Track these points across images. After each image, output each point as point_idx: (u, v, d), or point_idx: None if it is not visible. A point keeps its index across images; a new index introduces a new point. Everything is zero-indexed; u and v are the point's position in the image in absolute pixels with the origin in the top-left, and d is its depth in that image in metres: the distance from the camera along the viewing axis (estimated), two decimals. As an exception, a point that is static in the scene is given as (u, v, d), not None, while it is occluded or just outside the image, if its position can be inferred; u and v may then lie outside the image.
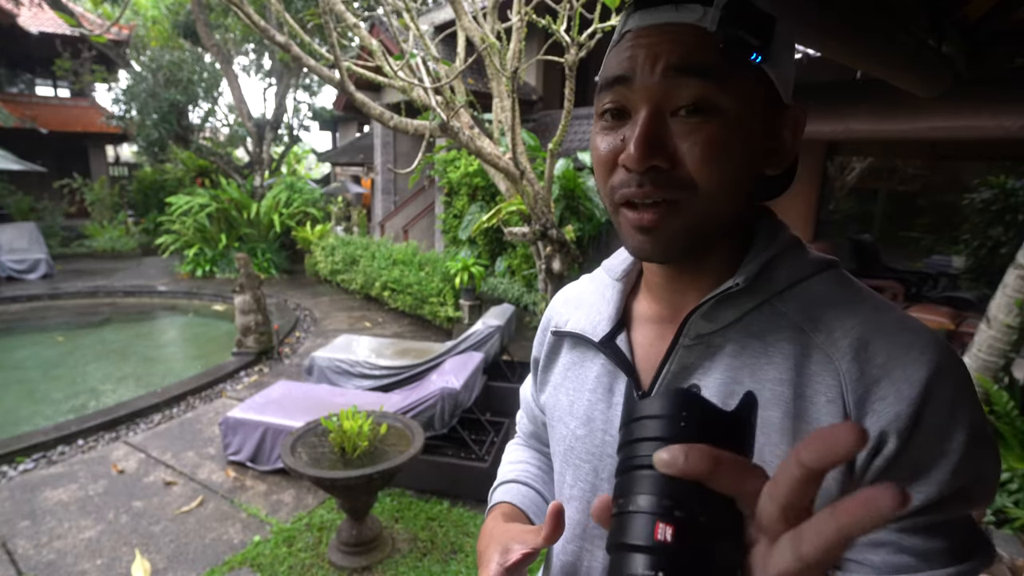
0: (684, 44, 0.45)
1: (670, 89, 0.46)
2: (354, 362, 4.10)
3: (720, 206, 0.48)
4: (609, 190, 0.50)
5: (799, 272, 0.52)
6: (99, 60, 11.68)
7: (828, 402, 0.46)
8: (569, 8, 2.87)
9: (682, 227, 0.48)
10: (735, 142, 0.46)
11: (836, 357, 0.47)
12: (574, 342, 0.65)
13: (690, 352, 0.53)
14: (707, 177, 0.46)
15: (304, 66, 2.79)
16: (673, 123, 0.46)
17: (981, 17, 2.14)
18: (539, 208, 3.27)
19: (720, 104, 0.45)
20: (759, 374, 0.49)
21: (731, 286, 0.50)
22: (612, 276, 0.64)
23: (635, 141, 0.46)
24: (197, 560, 2.58)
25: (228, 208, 9.70)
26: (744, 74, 0.46)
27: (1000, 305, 2.68)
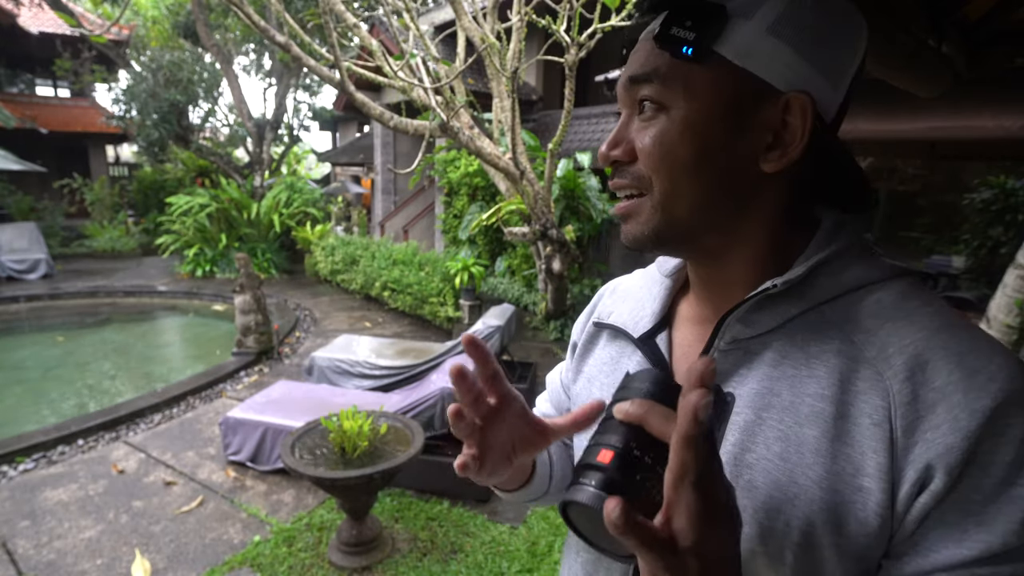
0: (640, 56, 0.49)
1: (632, 95, 0.50)
2: (354, 362, 4.10)
3: (677, 199, 0.48)
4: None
5: (859, 279, 0.47)
6: (99, 60, 11.68)
7: (873, 425, 0.41)
8: (569, 8, 2.87)
9: (647, 217, 0.50)
10: (682, 132, 0.47)
11: (887, 375, 0.42)
12: (614, 335, 0.64)
13: (726, 357, 0.50)
14: (655, 167, 0.48)
15: (304, 66, 2.79)
16: (636, 121, 0.50)
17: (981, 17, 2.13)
18: (539, 208, 3.27)
19: (664, 102, 0.47)
20: (798, 387, 0.45)
21: (768, 287, 0.47)
22: (662, 272, 0.63)
23: (607, 139, 0.52)
24: (197, 560, 2.58)
25: (228, 208, 9.70)
26: (702, 72, 0.46)
27: (1000, 305, 2.68)
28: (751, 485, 0.46)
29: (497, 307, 4.63)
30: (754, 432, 0.46)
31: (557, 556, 2.61)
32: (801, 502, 0.43)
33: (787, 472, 0.44)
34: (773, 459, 0.45)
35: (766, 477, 0.45)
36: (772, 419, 0.46)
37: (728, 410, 0.44)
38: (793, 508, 0.43)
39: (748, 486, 0.46)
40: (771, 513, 0.44)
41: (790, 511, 0.43)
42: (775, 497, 0.44)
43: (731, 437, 0.48)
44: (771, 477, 0.45)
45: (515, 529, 2.80)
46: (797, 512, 0.43)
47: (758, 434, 0.46)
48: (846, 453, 0.42)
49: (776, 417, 0.46)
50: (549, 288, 5.48)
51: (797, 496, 0.43)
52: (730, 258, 0.52)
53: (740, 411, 0.48)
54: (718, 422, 0.42)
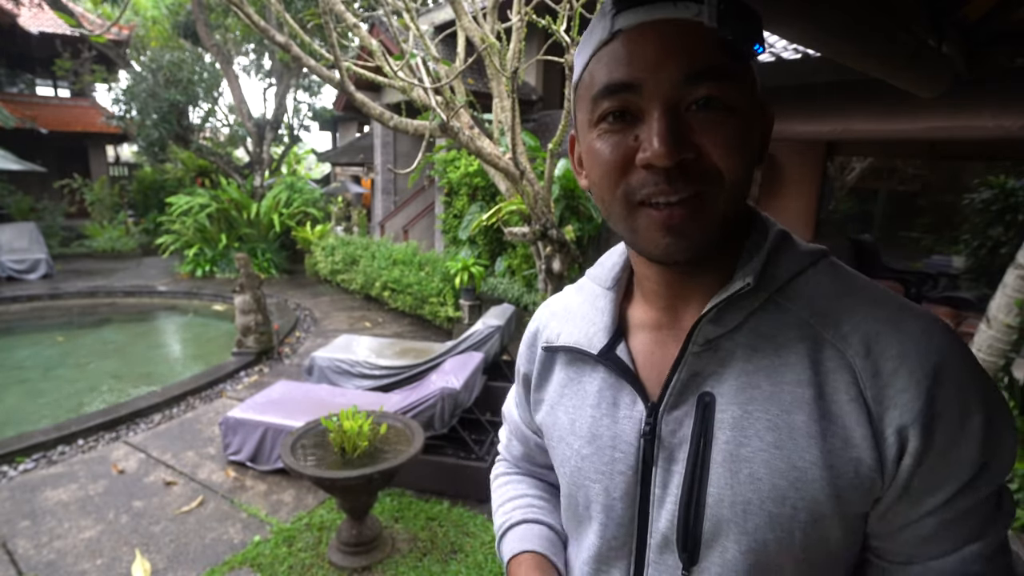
0: (692, 46, 0.44)
1: (683, 90, 0.45)
2: (354, 362, 4.10)
3: (742, 196, 0.48)
4: (624, 194, 0.48)
5: (797, 264, 0.51)
6: (99, 60, 11.68)
7: (850, 400, 0.45)
8: (569, 8, 2.87)
9: (711, 221, 0.47)
10: (749, 133, 0.47)
11: (849, 354, 0.46)
12: (569, 357, 0.62)
13: (699, 359, 0.51)
14: (732, 166, 0.46)
15: (304, 66, 2.79)
16: (691, 117, 0.45)
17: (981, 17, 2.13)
18: (539, 208, 3.28)
19: (733, 99, 0.45)
20: (776, 376, 0.48)
21: (742, 287, 0.48)
22: (602, 285, 0.62)
23: (660, 137, 0.44)
24: (197, 560, 2.58)
25: (228, 208, 9.70)
26: (744, 68, 0.47)
27: (1000, 305, 2.68)
28: (754, 477, 0.47)
29: (497, 307, 4.64)
30: (744, 427, 0.48)
31: (557, 556, 2.61)
32: (804, 484, 0.46)
33: (785, 459, 0.46)
34: (769, 448, 0.47)
35: (767, 467, 0.47)
36: (758, 411, 0.48)
37: (712, 409, 0.48)
38: (797, 491, 0.46)
39: (751, 478, 0.47)
40: (778, 501, 0.46)
41: (795, 495, 0.46)
42: (779, 485, 0.46)
43: (722, 435, 0.49)
44: (771, 466, 0.47)
45: (515, 529, 2.80)
46: (802, 494, 0.46)
47: (748, 428, 0.48)
48: (833, 430, 0.46)
49: (762, 408, 0.48)
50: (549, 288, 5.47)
51: (799, 479, 0.46)
52: (707, 261, 0.51)
53: (726, 408, 0.49)
54: (704, 422, 0.48)
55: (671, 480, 0.51)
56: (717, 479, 0.48)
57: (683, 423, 0.51)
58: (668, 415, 0.52)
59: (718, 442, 0.49)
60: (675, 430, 0.51)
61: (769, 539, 0.47)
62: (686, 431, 0.51)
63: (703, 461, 0.49)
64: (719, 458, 0.49)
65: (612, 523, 0.55)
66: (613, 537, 0.56)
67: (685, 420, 0.51)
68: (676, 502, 0.51)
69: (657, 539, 0.53)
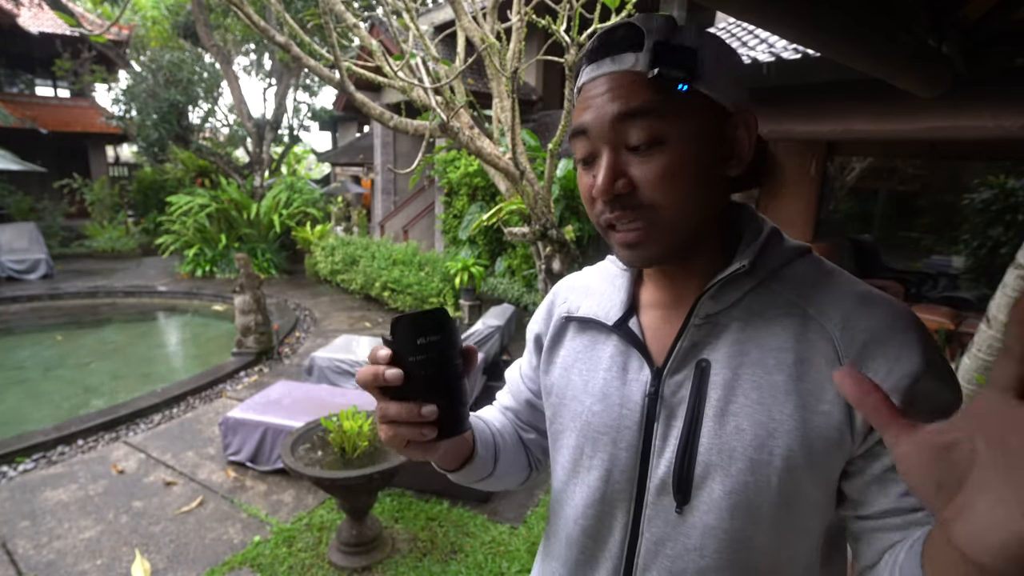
0: (624, 92, 0.54)
1: (620, 132, 0.54)
2: (354, 362, 4.10)
3: (686, 216, 0.56)
4: (595, 218, 0.60)
5: (785, 256, 0.60)
6: (99, 60, 11.68)
7: (826, 363, 0.54)
8: (569, 8, 2.87)
9: (657, 240, 0.57)
10: (684, 162, 0.54)
11: (829, 327, 0.55)
12: (584, 326, 0.71)
13: (699, 330, 0.60)
14: (664, 197, 0.54)
15: (304, 66, 2.79)
16: (629, 156, 0.55)
17: (981, 17, 2.13)
18: (539, 208, 3.27)
19: (664, 134, 0.53)
20: (762, 344, 0.57)
21: (738, 268, 0.57)
22: (620, 267, 0.71)
23: (600, 176, 0.55)
24: (197, 560, 2.58)
25: (228, 208, 9.70)
26: (680, 101, 0.53)
27: (1000, 305, 2.68)
28: (739, 428, 0.56)
29: (497, 307, 4.64)
30: (733, 386, 0.57)
31: (557, 556, 2.61)
32: (780, 432, 0.54)
33: (766, 411, 0.55)
34: (752, 404, 0.56)
35: (750, 419, 0.55)
36: (746, 373, 0.57)
37: (707, 373, 0.58)
38: (774, 439, 0.54)
39: (736, 430, 0.56)
40: (758, 448, 0.55)
41: (772, 442, 0.54)
42: (759, 434, 0.55)
43: (714, 394, 0.57)
44: (754, 419, 0.55)
45: (515, 529, 2.80)
46: (778, 441, 0.54)
47: (737, 387, 0.57)
48: (807, 388, 0.54)
49: (749, 371, 0.56)
50: (549, 288, 5.46)
51: (776, 429, 0.54)
52: (696, 254, 0.61)
53: (719, 372, 0.58)
54: (700, 384, 0.58)
55: (670, 434, 0.60)
56: (708, 431, 0.57)
57: (683, 385, 0.60)
58: (670, 378, 0.61)
59: (710, 400, 0.57)
60: (675, 391, 0.60)
61: (749, 481, 0.55)
62: (685, 392, 0.59)
63: (697, 416, 0.58)
64: (710, 412, 0.57)
65: (616, 470, 0.63)
66: (616, 482, 0.64)
67: (684, 383, 0.60)
68: (674, 452, 0.59)
69: (655, 483, 0.61)
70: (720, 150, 0.57)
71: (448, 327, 0.53)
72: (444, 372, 0.53)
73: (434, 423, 0.53)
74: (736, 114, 0.56)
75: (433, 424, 0.53)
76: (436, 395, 0.52)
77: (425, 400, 0.52)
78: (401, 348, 0.52)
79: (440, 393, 0.53)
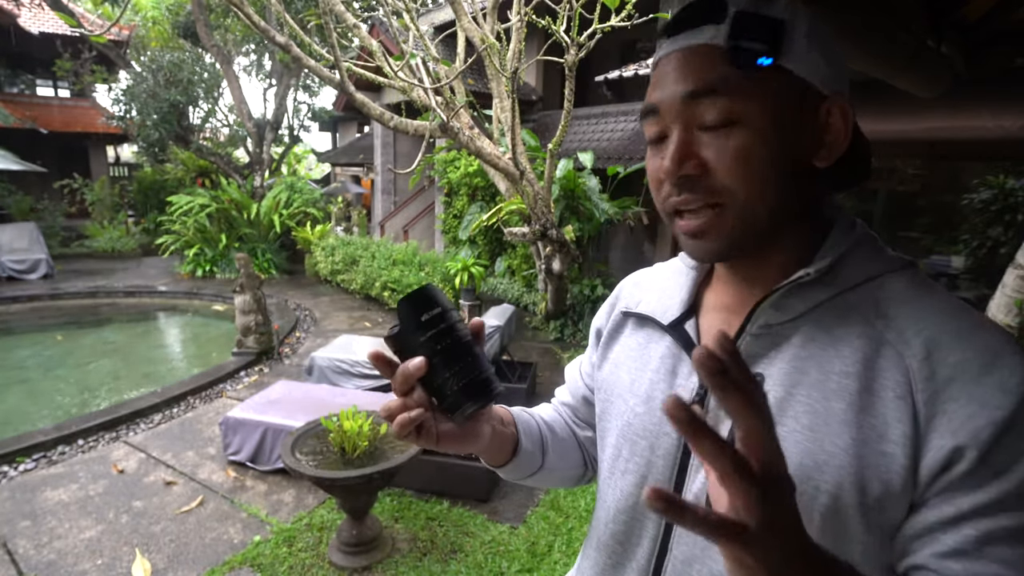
0: (698, 67, 0.50)
1: (692, 110, 0.50)
2: (354, 362, 4.10)
3: (759, 205, 0.51)
4: (662, 204, 0.55)
5: (874, 268, 0.53)
6: (99, 60, 11.68)
7: (896, 398, 0.47)
8: (569, 9, 2.87)
9: (726, 230, 0.51)
10: (761, 145, 0.49)
11: (907, 355, 0.47)
12: (641, 323, 0.68)
13: (757, 341, 0.55)
14: (740, 183, 0.49)
15: (304, 67, 2.79)
16: (702, 136, 0.50)
17: (981, 17, 2.14)
18: (539, 208, 3.27)
19: (741, 113, 0.48)
20: (825, 365, 0.50)
21: (802, 276, 0.52)
22: (687, 264, 0.67)
23: (669, 156, 0.51)
24: (197, 560, 2.58)
25: (228, 208, 9.70)
26: (761, 78, 0.49)
27: (1000, 305, 2.68)
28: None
29: (497, 307, 4.64)
30: (784, 407, 0.51)
31: (557, 556, 2.61)
32: (829, 468, 0.48)
33: (816, 441, 0.48)
34: (802, 430, 0.49)
35: (796, 447, 0.49)
36: (801, 395, 0.50)
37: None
38: (821, 474, 0.48)
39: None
40: (801, 480, 0.48)
41: (819, 476, 0.48)
42: (805, 464, 0.48)
43: None
44: (801, 447, 0.49)
45: (515, 529, 2.80)
46: (825, 477, 0.48)
47: (788, 409, 0.51)
48: (870, 423, 0.47)
49: (805, 393, 0.50)
50: (549, 288, 5.48)
51: (826, 463, 0.48)
52: (770, 253, 0.56)
53: (771, 389, 0.52)
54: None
55: None
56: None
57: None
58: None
59: None
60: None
61: None
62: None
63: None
64: None
65: (651, 478, 0.60)
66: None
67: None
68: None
69: (689, 498, 0.54)
70: (807, 136, 0.51)
71: (441, 297, 0.52)
72: (456, 339, 0.52)
73: (466, 392, 0.52)
74: (830, 98, 0.51)
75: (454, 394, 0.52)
76: (458, 364, 0.52)
77: (450, 373, 0.51)
78: (409, 331, 0.51)
79: (460, 361, 0.52)
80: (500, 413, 0.70)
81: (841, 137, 0.52)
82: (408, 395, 0.53)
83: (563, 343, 5.87)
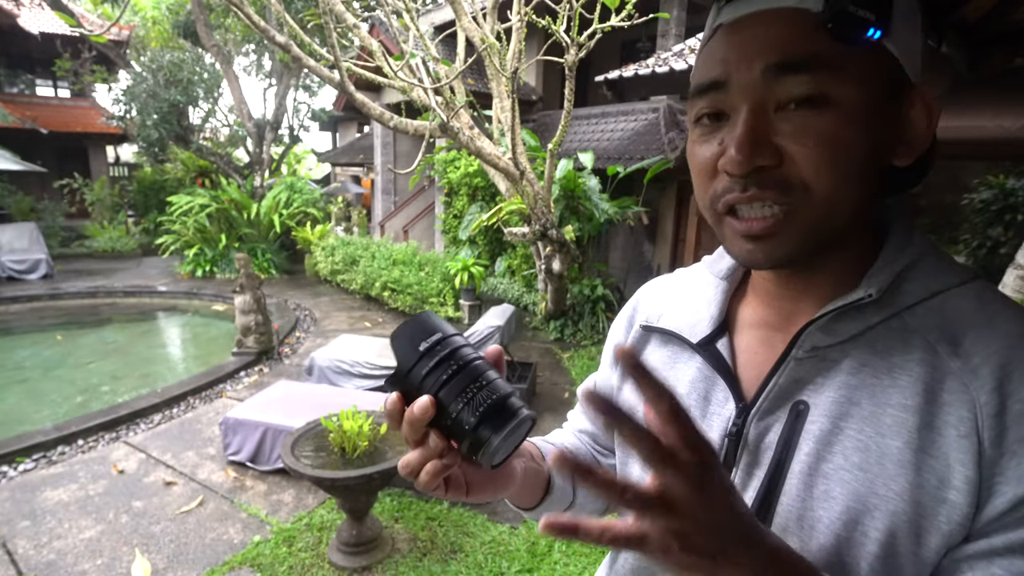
0: (784, 35, 0.41)
1: (772, 88, 0.41)
2: (354, 362, 4.10)
3: (839, 207, 0.43)
4: (710, 199, 0.46)
5: (937, 284, 0.46)
6: (99, 60, 11.69)
7: (960, 437, 0.40)
8: (569, 9, 2.87)
9: (796, 233, 0.43)
10: (853, 134, 0.41)
11: (974, 387, 0.41)
12: (665, 339, 0.60)
13: (802, 365, 0.48)
14: (822, 176, 0.41)
15: (304, 66, 2.79)
16: (779, 119, 0.42)
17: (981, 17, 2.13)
18: (539, 208, 3.27)
19: (833, 95, 0.40)
20: (880, 397, 0.44)
21: (862, 297, 0.45)
22: (716, 274, 0.59)
23: (736, 142, 0.42)
24: (197, 560, 2.58)
25: (228, 208, 9.70)
26: (861, 55, 0.41)
27: (1000, 305, 2.67)
28: (827, 495, 0.44)
29: (497, 307, 4.64)
30: (831, 442, 0.45)
31: (557, 556, 2.61)
32: (881, 513, 0.42)
33: (866, 483, 0.43)
34: (852, 469, 0.43)
35: (844, 487, 0.44)
36: (851, 429, 0.44)
37: (803, 419, 0.46)
38: (872, 520, 0.42)
39: (824, 496, 0.44)
40: (848, 524, 0.43)
41: (869, 522, 0.42)
42: (853, 508, 0.43)
43: (805, 447, 0.46)
44: (849, 488, 0.43)
45: (515, 529, 2.80)
46: (876, 523, 0.42)
47: (835, 444, 0.45)
48: (931, 465, 0.41)
49: (855, 427, 0.44)
50: (549, 288, 5.48)
51: (877, 507, 0.42)
52: (827, 261, 0.48)
53: (815, 420, 0.46)
54: (792, 432, 0.46)
55: (749, 484, 0.49)
56: (790, 490, 0.46)
57: (771, 429, 0.49)
58: (759, 420, 0.49)
59: (800, 453, 0.46)
60: (762, 435, 0.49)
61: (833, 561, 0.44)
62: (773, 437, 0.48)
63: (781, 470, 0.47)
64: (796, 469, 0.46)
65: None
66: None
67: (774, 426, 0.48)
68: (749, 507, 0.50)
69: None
70: (891, 131, 0.43)
71: (439, 321, 0.46)
72: (464, 363, 0.44)
73: (486, 423, 0.43)
74: (917, 88, 0.44)
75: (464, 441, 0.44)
76: (471, 391, 0.43)
77: (464, 403, 0.43)
78: (408, 366, 0.44)
79: (473, 386, 0.43)
80: (527, 448, 0.62)
81: (923, 135, 0.45)
82: (423, 444, 0.45)
83: (563, 343, 5.87)
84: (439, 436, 0.44)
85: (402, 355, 0.45)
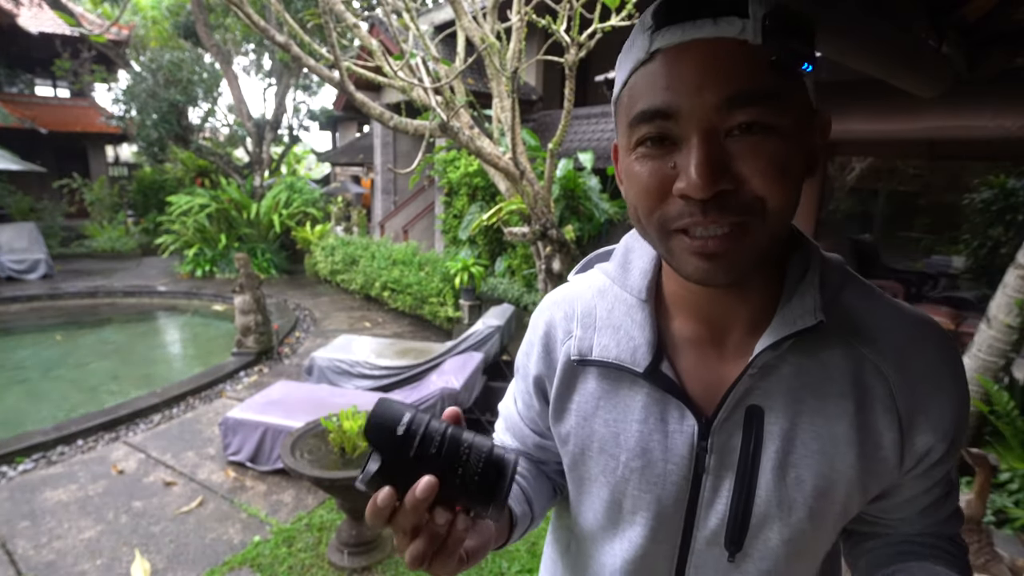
0: (732, 68, 0.42)
1: (725, 116, 0.43)
2: (354, 362, 4.10)
3: (786, 220, 0.47)
4: (659, 221, 0.47)
5: (833, 287, 0.54)
6: (99, 60, 11.67)
7: (885, 411, 0.52)
8: (569, 8, 2.87)
9: (751, 249, 0.46)
10: (793, 154, 0.45)
11: (884, 367, 0.52)
12: (605, 371, 0.60)
13: (751, 377, 0.53)
14: (775, 193, 0.44)
15: (304, 66, 2.79)
16: (730, 143, 0.44)
17: (981, 17, 2.13)
18: (539, 208, 3.27)
19: (776, 122, 0.43)
20: (821, 391, 0.52)
21: (816, 324, 0.50)
22: (635, 295, 0.59)
23: (697, 168, 0.42)
24: (197, 560, 2.58)
25: (228, 208, 9.69)
26: (791, 85, 0.44)
27: (1000, 305, 2.68)
28: (799, 479, 0.53)
29: (497, 307, 4.64)
30: (792, 437, 0.53)
31: (557, 556, 2.61)
32: (841, 482, 0.53)
33: (827, 463, 0.52)
34: (813, 455, 0.53)
35: (810, 471, 0.53)
36: (805, 423, 0.53)
37: (760, 421, 0.54)
38: (835, 491, 0.53)
39: (796, 481, 0.53)
40: (819, 498, 0.53)
41: (833, 492, 0.53)
42: (820, 485, 0.53)
43: (772, 445, 0.53)
44: (814, 470, 0.53)
45: (515, 529, 2.80)
46: (839, 490, 0.53)
47: (796, 438, 0.53)
48: (869, 437, 0.52)
49: (808, 420, 0.53)
50: (549, 288, 5.47)
51: (837, 480, 0.53)
52: (754, 276, 0.53)
53: (775, 421, 0.53)
54: (753, 433, 0.54)
55: (722, 485, 0.56)
56: (766, 483, 0.54)
57: (733, 434, 0.55)
58: (721, 430, 0.55)
59: (768, 451, 0.53)
60: (726, 441, 0.55)
61: (807, 528, 0.54)
62: (736, 441, 0.55)
63: (752, 467, 0.54)
64: (768, 464, 0.53)
65: (662, 526, 0.59)
66: (662, 539, 0.59)
67: (735, 431, 0.55)
68: (727, 504, 0.55)
69: (705, 534, 0.57)
70: (808, 150, 0.47)
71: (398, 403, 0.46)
72: (444, 434, 0.45)
73: (491, 473, 0.44)
74: (819, 113, 0.48)
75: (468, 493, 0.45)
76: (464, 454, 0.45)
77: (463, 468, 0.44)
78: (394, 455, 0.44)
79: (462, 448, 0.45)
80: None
81: (821, 152, 0.49)
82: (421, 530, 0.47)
83: (563, 343, 5.85)
84: (444, 509, 0.45)
85: (383, 445, 0.44)
